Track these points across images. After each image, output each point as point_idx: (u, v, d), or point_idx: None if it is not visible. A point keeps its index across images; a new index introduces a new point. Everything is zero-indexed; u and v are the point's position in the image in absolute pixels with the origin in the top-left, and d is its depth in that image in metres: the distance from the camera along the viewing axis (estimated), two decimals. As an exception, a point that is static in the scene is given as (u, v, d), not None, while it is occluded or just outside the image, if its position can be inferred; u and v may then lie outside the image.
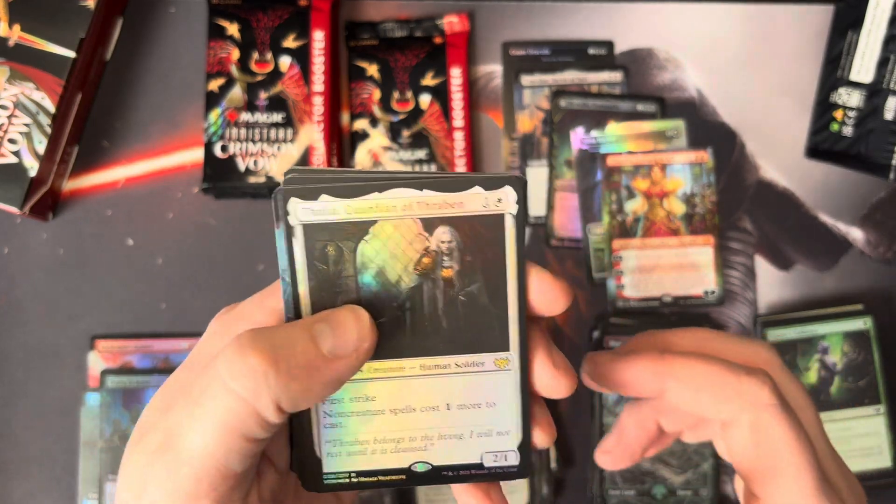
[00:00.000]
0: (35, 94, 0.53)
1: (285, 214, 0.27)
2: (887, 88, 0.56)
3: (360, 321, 0.27)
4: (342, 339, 0.26)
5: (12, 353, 0.57)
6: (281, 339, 0.25)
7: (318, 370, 0.25)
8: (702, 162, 0.57)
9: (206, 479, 0.25)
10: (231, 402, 0.24)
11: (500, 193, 0.27)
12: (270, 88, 0.57)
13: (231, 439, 0.24)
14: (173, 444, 0.25)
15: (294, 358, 0.25)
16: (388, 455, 0.28)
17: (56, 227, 0.58)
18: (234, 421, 0.24)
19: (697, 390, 0.30)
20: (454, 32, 0.59)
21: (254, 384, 0.24)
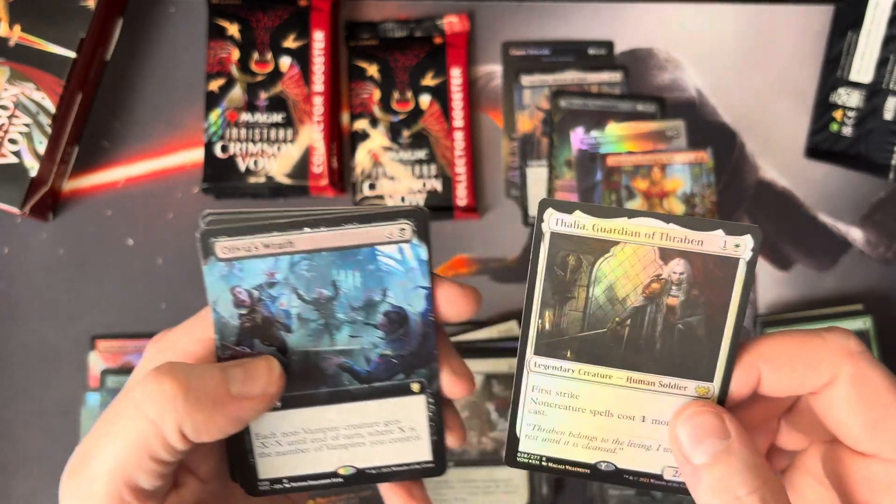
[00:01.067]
0: (35, 94, 0.53)
1: (209, 253, 0.28)
2: (887, 88, 0.56)
3: (271, 371, 0.29)
4: (251, 383, 0.28)
5: (12, 353, 0.57)
6: (196, 373, 0.27)
7: (224, 406, 0.27)
8: (701, 162, 0.57)
9: (115, 494, 0.26)
10: (140, 423, 0.26)
11: (739, 240, 0.28)
12: (270, 88, 0.57)
13: (139, 458, 0.26)
14: (86, 463, 0.27)
15: (203, 390, 0.27)
16: (580, 449, 0.30)
17: (56, 228, 0.58)
18: (142, 441, 0.26)
19: (791, 364, 0.29)
20: (454, 32, 0.59)
21: (162, 407, 0.26)
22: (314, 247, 0.28)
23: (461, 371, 0.31)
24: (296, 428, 0.30)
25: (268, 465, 0.31)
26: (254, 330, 0.29)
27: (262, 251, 0.29)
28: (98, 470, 0.26)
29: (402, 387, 0.31)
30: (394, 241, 0.29)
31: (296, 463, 0.31)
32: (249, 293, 0.29)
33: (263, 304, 0.29)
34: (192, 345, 0.29)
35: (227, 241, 0.28)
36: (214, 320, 0.29)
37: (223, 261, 0.29)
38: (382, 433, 0.31)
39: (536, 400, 0.30)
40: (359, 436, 0.31)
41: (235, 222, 0.28)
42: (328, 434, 0.31)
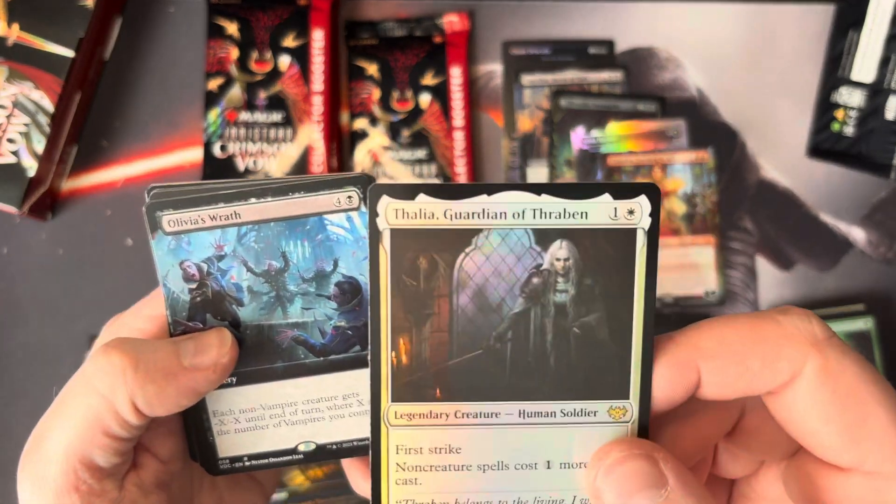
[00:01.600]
0: (34, 93, 0.53)
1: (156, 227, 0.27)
2: (888, 88, 0.56)
3: (222, 341, 0.28)
4: (202, 354, 0.27)
5: (12, 352, 0.57)
6: (146, 347, 0.27)
7: (176, 377, 0.26)
8: (702, 162, 0.57)
9: (71, 474, 0.26)
10: (92, 399, 0.26)
11: (632, 203, 0.23)
12: (270, 88, 0.57)
13: (92, 435, 0.26)
14: (41, 444, 0.27)
15: (153, 363, 0.26)
16: None
17: (55, 227, 0.58)
18: (95, 417, 0.26)
19: (739, 358, 0.23)
20: (454, 32, 0.59)
21: (112, 380, 0.26)
22: (261, 217, 0.27)
23: None
24: (253, 404, 0.29)
25: (227, 443, 0.30)
26: (205, 304, 0.29)
27: (208, 223, 0.27)
28: (52, 450, 0.26)
29: (358, 358, 0.29)
30: (342, 209, 0.27)
31: (255, 440, 0.30)
32: (198, 267, 0.28)
33: (213, 278, 0.28)
34: (144, 322, 0.29)
35: (174, 213, 0.27)
36: (165, 295, 0.28)
37: (170, 234, 0.28)
38: (341, 407, 0.29)
39: (404, 465, 0.24)
40: (318, 410, 0.29)
41: (181, 195, 0.27)
42: (286, 409, 0.29)
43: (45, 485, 0.26)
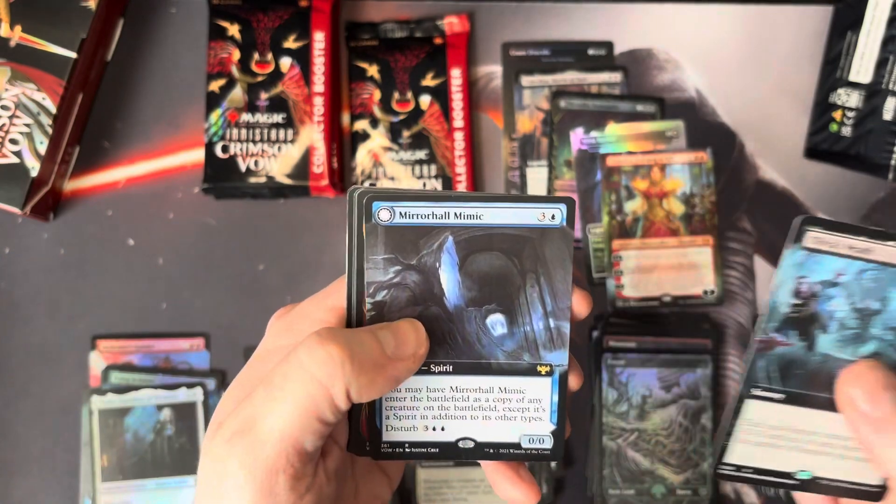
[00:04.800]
0: (36, 94, 0.53)
1: (797, 240, 0.29)
2: (886, 89, 0.56)
3: (417, 332, 0.30)
4: (402, 345, 0.30)
5: (13, 353, 0.57)
6: (354, 338, 0.29)
7: (383, 367, 0.29)
8: (701, 162, 0.58)
9: (283, 456, 0.27)
10: (310, 387, 0.27)
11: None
12: (271, 89, 0.57)
13: (307, 420, 0.28)
14: (254, 426, 0.28)
15: (364, 354, 0.28)
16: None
17: (57, 228, 0.58)
18: (311, 404, 0.27)
19: None
20: (454, 33, 0.60)
21: (331, 370, 0.27)
22: (890, 260, 0.29)
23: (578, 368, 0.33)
24: (785, 424, 0.31)
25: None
26: (795, 322, 0.30)
27: (842, 251, 0.29)
28: (268, 432, 0.27)
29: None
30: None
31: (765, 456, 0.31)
32: (811, 287, 0.30)
33: (817, 301, 0.30)
34: (326, 313, 0.31)
35: (820, 233, 0.29)
36: (769, 305, 0.30)
37: (807, 250, 0.29)
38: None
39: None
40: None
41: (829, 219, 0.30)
42: (805, 437, 0.31)
43: (257, 465, 0.27)
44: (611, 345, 0.56)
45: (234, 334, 0.58)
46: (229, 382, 0.33)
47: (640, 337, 0.56)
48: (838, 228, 0.29)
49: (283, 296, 0.58)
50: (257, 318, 0.58)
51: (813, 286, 0.30)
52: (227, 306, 0.58)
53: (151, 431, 0.56)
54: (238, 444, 0.28)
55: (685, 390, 0.56)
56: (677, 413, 0.56)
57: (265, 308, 0.58)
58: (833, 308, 0.30)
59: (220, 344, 0.58)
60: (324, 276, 0.58)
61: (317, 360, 0.28)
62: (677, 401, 0.56)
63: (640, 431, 0.56)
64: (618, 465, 0.55)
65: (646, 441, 0.56)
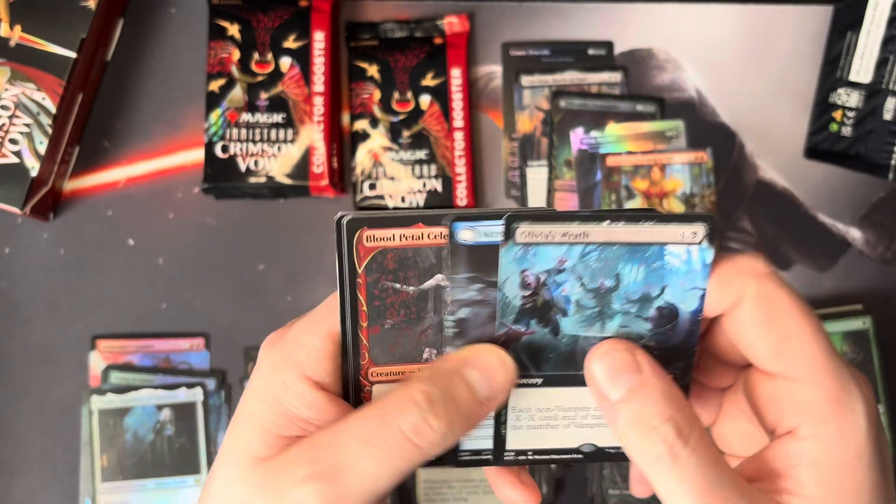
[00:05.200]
0: (36, 94, 0.53)
1: (509, 236, 0.30)
2: (886, 89, 0.56)
3: (506, 367, 0.30)
4: (494, 386, 0.29)
5: (13, 353, 0.57)
6: (448, 395, 0.29)
7: (477, 416, 0.29)
8: (701, 162, 0.57)
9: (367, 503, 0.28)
10: (410, 452, 0.28)
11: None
12: (271, 89, 0.57)
13: (399, 478, 0.28)
14: (339, 476, 0.28)
15: (461, 413, 0.28)
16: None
17: (57, 228, 0.58)
18: (407, 465, 0.28)
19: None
20: (454, 33, 0.60)
21: (434, 441, 0.28)
22: (608, 239, 0.30)
23: None
24: (551, 405, 0.32)
25: (517, 438, 0.32)
26: (532, 311, 0.31)
27: (557, 239, 0.30)
28: (356, 485, 0.28)
29: None
30: (684, 242, 0.30)
31: (543, 437, 0.32)
32: (537, 277, 0.30)
33: (547, 289, 0.30)
34: (321, 341, 0.30)
35: (529, 226, 0.29)
36: (498, 299, 0.30)
37: (520, 245, 0.30)
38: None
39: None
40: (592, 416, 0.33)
41: (539, 213, 0.30)
42: (578, 413, 0.32)
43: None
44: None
45: (234, 334, 0.58)
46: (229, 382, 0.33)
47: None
48: (545, 219, 0.30)
49: (284, 296, 0.58)
50: (257, 318, 0.58)
51: (539, 276, 0.31)
52: (227, 306, 0.58)
53: (151, 431, 0.56)
54: (321, 488, 0.28)
55: (685, 390, 0.56)
56: (677, 413, 0.56)
57: (265, 308, 0.58)
58: (566, 292, 0.31)
59: (220, 344, 0.58)
60: (324, 277, 0.58)
61: (420, 433, 0.28)
62: (677, 401, 0.56)
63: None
64: (618, 465, 0.55)
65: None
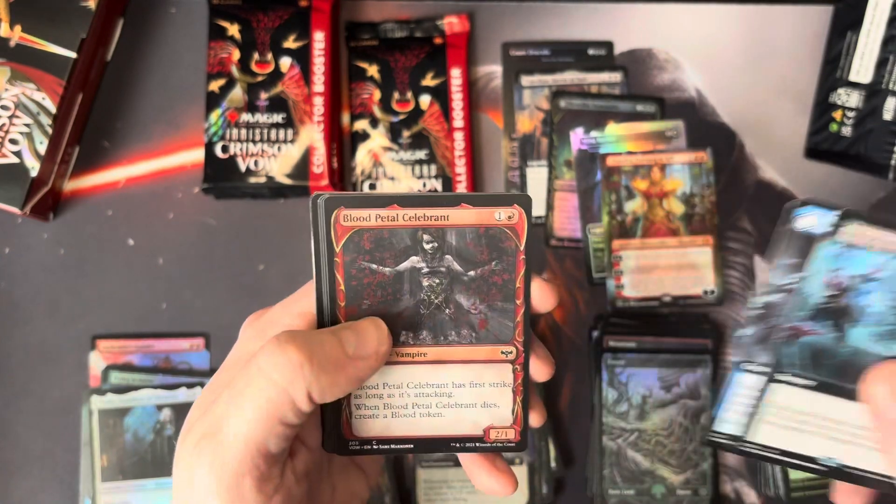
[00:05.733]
0: (36, 94, 0.53)
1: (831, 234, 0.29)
2: (886, 89, 0.56)
3: (379, 330, 0.31)
4: (364, 344, 0.30)
5: (13, 353, 0.57)
6: (314, 340, 0.29)
7: (344, 367, 0.29)
8: (701, 162, 0.57)
9: (248, 459, 0.28)
10: (271, 391, 0.28)
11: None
12: (271, 89, 0.57)
13: (270, 424, 0.28)
14: (218, 431, 0.28)
15: (324, 355, 0.29)
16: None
17: (57, 228, 0.58)
18: (273, 408, 0.28)
19: None
20: (454, 33, 0.60)
21: (291, 374, 0.28)
22: None
23: (544, 355, 0.34)
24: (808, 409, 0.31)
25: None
26: (828, 313, 0.31)
27: (879, 247, 0.29)
28: (232, 436, 0.28)
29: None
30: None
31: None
32: (846, 280, 0.30)
33: (851, 294, 0.30)
34: (294, 319, 0.31)
35: (860, 227, 0.29)
36: (799, 293, 0.30)
37: (840, 243, 0.30)
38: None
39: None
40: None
41: (868, 214, 0.30)
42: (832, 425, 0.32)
43: (224, 469, 0.28)
44: (611, 345, 0.56)
45: (234, 334, 0.57)
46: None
47: (640, 337, 0.56)
48: (879, 223, 0.29)
49: (284, 296, 0.58)
50: (257, 318, 0.58)
51: (848, 279, 0.30)
52: (227, 306, 0.58)
53: (151, 431, 0.56)
54: (205, 449, 0.28)
55: (685, 390, 0.56)
56: (677, 413, 0.56)
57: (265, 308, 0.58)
58: (869, 302, 0.30)
59: (220, 344, 0.58)
60: (324, 276, 0.58)
61: (276, 363, 0.28)
62: (677, 401, 0.56)
63: (640, 431, 0.56)
64: (618, 466, 0.55)
65: (646, 441, 0.56)
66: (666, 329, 0.56)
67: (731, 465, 0.57)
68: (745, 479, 0.57)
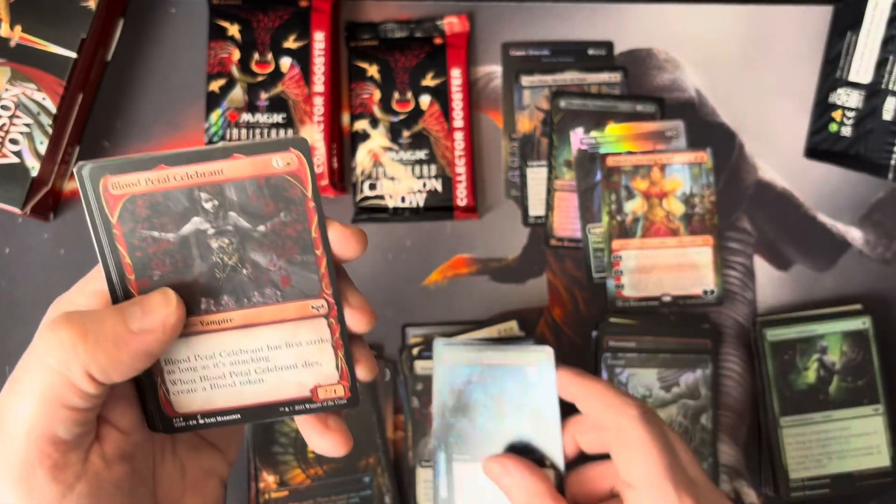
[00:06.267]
0: (36, 94, 0.53)
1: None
2: (886, 89, 0.56)
3: (168, 302, 0.29)
4: (149, 316, 0.28)
5: (13, 352, 0.57)
6: (92, 318, 0.28)
7: (127, 343, 0.28)
8: (701, 162, 0.58)
9: (35, 449, 0.27)
10: (47, 375, 0.27)
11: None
12: (271, 89, 0.57)
13: (52, 409, 0.27)
14: (2, 423, 0.27)
15: (102, 332, 0.27)
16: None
17: (57, 228, 0.58)
18: (52, 392, 0.27)
19: (589, 401, 0.41)
20: (454, 33, 0.60)
21: (64, 356, 0.27)
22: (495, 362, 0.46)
23: (360, 305, 0.32)
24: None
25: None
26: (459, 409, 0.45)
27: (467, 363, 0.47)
28: (14, 428, 0.27)
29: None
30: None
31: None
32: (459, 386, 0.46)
33: (466, 395, 0.45)
34: (88, 298, 0.30)
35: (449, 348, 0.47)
36: (437, 405, 0.45)
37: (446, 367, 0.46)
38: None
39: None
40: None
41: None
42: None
43: (10, 462, 0.27)
44: (610, 345, 0.56)
45: (234, 334, 0.58)
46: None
47: (639, 337, 0.56)
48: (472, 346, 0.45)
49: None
50: (257, 318, 0.58)
51: (460, 386, 0.44)
52: (227, 306, 0.58)
53: (151, 431, 0.56)
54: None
55: (685, 390, 0.56)
56: (677, 413, 0.56)
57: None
58: (477, 398, 0.44)
59: (220, 344, 0.58)
60: (324, 276, 0.58)
61: (49, 346, 0.27)
62: (677, 401, 0.56)
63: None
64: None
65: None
66: (666, 329, 0.56)
67: (730, 465, 0.57)
68: (745, 478, 0.57)
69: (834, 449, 0.56)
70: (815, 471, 0.56)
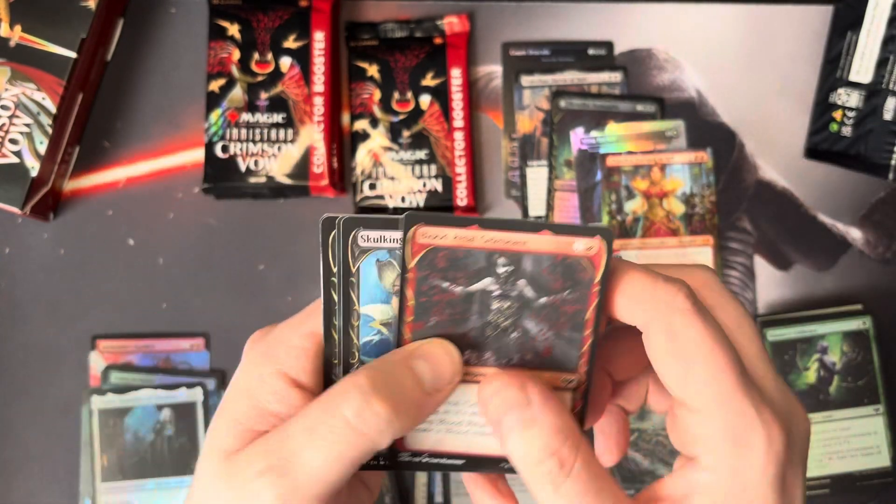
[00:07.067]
0: (36, 94, 0.53)
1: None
2: (886, 89, 0.56)
3: (452, 359, 0.30)
4: (440, 376, 0.30)
5: (13, 352, 0.57)
6: (393, 382, 0.29)
7: (423, 407, 0.29)
8: (701, 162, 0.57)
9: (319, 498, 0.28)
10: (356, 440, 0.28)
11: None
12: (271, 89, 0.57)
13: (350, 469, 0.28)
14: (292, 467, 0.28)
15: (406, 400, 0.29)
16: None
17: (57, 228, 0.58)
18: (356, 454, 0.28)
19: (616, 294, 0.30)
20: (454, 33, 0.60)
21: (379, 428, 0.28)
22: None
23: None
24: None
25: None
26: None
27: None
28: (307, 475, 0.28)
29: None
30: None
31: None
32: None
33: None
34: (303, 340, 0.30)
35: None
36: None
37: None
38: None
39: None
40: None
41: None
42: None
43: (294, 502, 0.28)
44: (611, 345, 0.56)
45: (234, 334, 0.58)
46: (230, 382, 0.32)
47: (640, 337, 0.56)
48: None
49: (284, 296, 0.58)
50: (257, 318, 0.57)
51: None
52: (227, 306, 0.58)
53: (151, 431, 0.56)
54: (275, 482, 0.28)
55: (685, 390, 0.56)
56: (677, 413, 0.56)
57: (265, 308, 0.58)
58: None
59: (220, 344, 0.58)
60: (324, 276, 0.58)
61: (362, 417, 0.28)
62: (677, 401, 0.56)
63: (640, 431, 0.56)
64: (618, 465, 0.55)
65: (646, 441, 0.56)
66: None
67: (731, 465, 0.57)
68: (745, 478, 0.57)
69: (834, 449, 0.56)
70: (815, 471, 0.56)
